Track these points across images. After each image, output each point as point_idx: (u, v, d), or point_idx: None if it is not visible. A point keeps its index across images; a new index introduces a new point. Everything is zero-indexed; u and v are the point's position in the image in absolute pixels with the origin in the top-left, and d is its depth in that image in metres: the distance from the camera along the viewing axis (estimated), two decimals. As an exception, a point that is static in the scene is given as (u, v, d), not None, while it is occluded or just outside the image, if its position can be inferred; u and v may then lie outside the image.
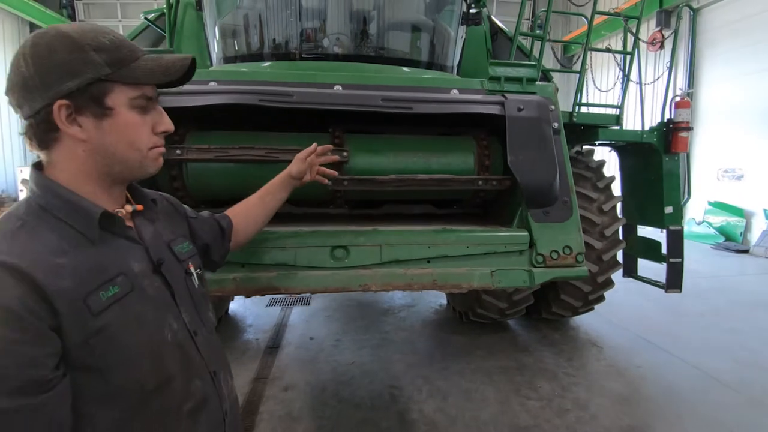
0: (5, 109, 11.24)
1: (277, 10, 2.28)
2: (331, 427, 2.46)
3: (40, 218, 0.73)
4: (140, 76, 0.77)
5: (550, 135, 1.67)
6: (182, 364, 0.83)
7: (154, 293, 0.82)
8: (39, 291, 0.65)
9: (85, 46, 0.73)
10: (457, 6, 2.61)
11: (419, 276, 1.53)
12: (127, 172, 0.82)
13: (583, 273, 1.61)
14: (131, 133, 0.79)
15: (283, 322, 4.09)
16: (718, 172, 8.43)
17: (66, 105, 0.73)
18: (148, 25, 3.43)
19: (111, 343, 0.72)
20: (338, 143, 1.73)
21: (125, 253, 0.80)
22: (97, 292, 0.72)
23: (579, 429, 2.47)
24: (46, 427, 0.64)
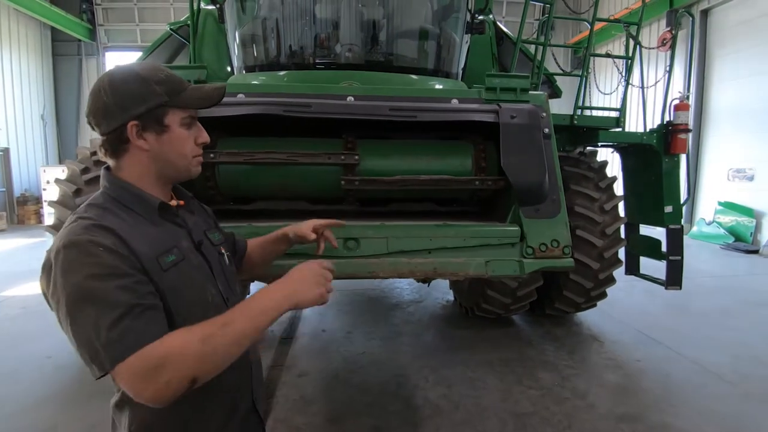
0: (29, 116, 11.68)
1: (294, 24, 2.47)
2: (342, 409, 2.65)
3: (114, 206, 0.97)
4: (188, 103, 1.02)
5: (540, 139, 1.84)
6: None
7: (198, 265, 1.04)
8: (127, 245, 0.87)
9: (149, 80, 0.97)
10: (461, 16, 2.77)
11: (421, 264, 1.72)
12: (176, 174, 1.06)
13: (569, 264, 1.77)
14: (181, 144, 1.02)
15: (297, 315, 4.29)
16: (729, 172, 8.43)
17: (136, 124, 0.96)
18: (170, 34, 3.65)
19: (175, 294, 0.94)
20: (350, 148, 1.92)
21: (175, 234, 1.03)
22: (163, 257, 0.94)
23: (576, 416, 2.61)
24: (161, 321, 0.85)
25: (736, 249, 7.66)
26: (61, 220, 3.28)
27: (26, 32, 11.56)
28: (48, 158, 12.24)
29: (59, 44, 12.47)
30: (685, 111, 3.27)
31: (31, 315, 4.37)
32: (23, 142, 11.51)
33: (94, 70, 12.81)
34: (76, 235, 0.86)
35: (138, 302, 0.82)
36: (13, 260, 7.00)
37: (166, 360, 0.79)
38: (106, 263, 0.83)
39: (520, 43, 2.54)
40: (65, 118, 12.73)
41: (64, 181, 3.42)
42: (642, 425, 2.54)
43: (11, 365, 3.26)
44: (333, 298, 4.78)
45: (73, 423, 2.54)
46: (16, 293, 5.12)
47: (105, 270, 0.82)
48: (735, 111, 8.26)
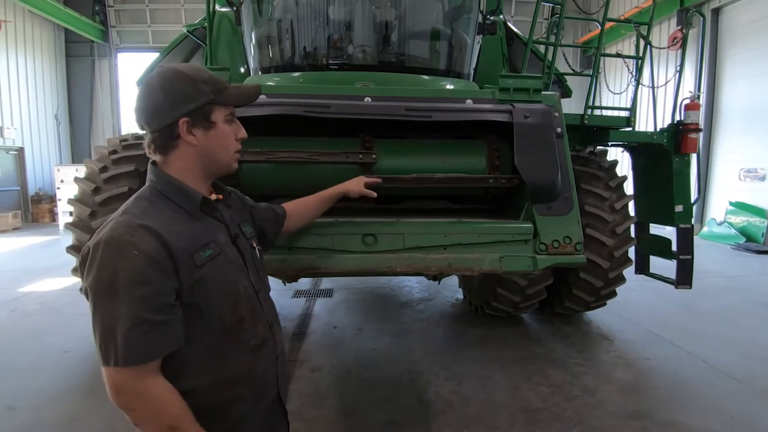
0: (43, 116, 11.89)
1: (310, 26, 2.52)
2: (355, 403, 2.70)
3: (159, 199, 1.04)
4: (231, 100, 1.09)
5: (553, 139, 1.88)
6: (250, 311, 1.10)
7: (233, 258, 1.10)
8: (165, 246, 0.94)
9: (196, 80, 1.04)
10: (473, 17, 2.81)
11: (437, 260, 1.77)
12: (218, 168, 1.12)
13: (581, 260, 1.81)
14: (225, 139, 1.09)
15: (308, 312, 4.35)
16: (740, 171, 8.36)
17: (187, 121, 1.03)
18: (186, 36, 3.72)
19: (206, 289, 1.00)
20: (367, 147, 1.97)
21: (214, 228, 1.09)
22: (199, 252, 1.00)
23: (586, 413, 2.64)
24: (171, 336, 0.94)
25: (747, 249, 7.60)
26: (80, 217, 3.36)
27: (40, 34, 11.77)
28: (61, 157, 12.45)
29: (72, 45, 12.68)
30: (695, 110, 3.28)
31: (47, 311, 4.48)
32: (37, 141, 11.72)
33: (106, 71, 13.01)
34: (118, 233, 0.92)
35: (151, 318, 0.89)
36: (29, 258, 7.15)
37: (143, 402, 0.91)
38: (136, 268, 0.89)
39: (531, 46, 2.57)
40: (78, 118, 12.93)
41: (83, 179, 3.50)
42: (651, 422, 2.56)
43: (30, 359, 3.35)
44: (342, 296, 4.87)
45: (95, 415, 2.61)
46: (32, 289, 5.24)
47: (133, 275, 0.89)
48: (747, 110, 8.20)
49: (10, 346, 3.62)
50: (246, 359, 1.08)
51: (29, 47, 11.37)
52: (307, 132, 2.10)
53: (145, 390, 0.91)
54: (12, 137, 10.78)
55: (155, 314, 0.90)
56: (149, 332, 0.89)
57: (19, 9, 10.78)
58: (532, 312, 4.16)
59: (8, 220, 9.90)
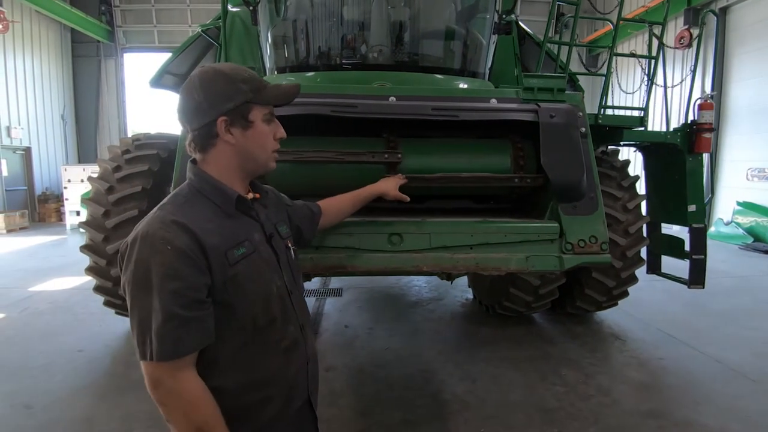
0: (50, 116, 11.94)
1: (328, 25, 2.53)
2: (371, 403, 2.71)
3: (196, 197, 1.05)
4: (270, 99, 1.09)
5: (578, 138, 1.88)
6: (282, 311, 1.09)
7: (267, 257, 1.10)
8: (198, 242, 0.95)
9: (235, 79, 1.04)
10: (489, 17, 2.81)
11: (464, 260, 1.77)
12: (256, 167, 1.12)
13: (607, 260, 1.82)
14: (263, 139, 1.09)
15: (319, 311, 4.36)
16: (748, 171, 8.34)
17: (225, 120, 1.03)
18: (199, 35, 3.74)
19: (239, 287, 1.00)
20: (392, 146, 1.98)
21: (249, 226, 1.09)
22: (233, 250, 1.00)
23: (602, 412, 2.64)
24: (201, 334, 0.94)
25: (755, 249, 7.58)
26: (94, 217, 3.38)
27: (47, 34, 11.82)
28: (68, 157, 12.50)
29: (79, 45, 12.73)
30: (709, 110, 3.27)
31: (59, 310, 4.50)
32: (44, 141, 11.78)
33: (112, 71, 13.05)
34: (153, 228, 0.94)
35: (182, 313, 0.90)
36: (38, 257, 7.18)
37: (175, 399, 0.92)
38: (169, 263, 0.91)
39: (545, 46, 2.57)
40: (84, 118, 12.99)
41: (96, 179, 3.52)
42: (667, 421, 2.56)
43: (44, 359, 3.36)
44: (351, 296, 4.88)
45: (111, 414, 2.62)
46: (42, 288, 5.27)
47: (167, 270, 0.90)
48: (754, 110, 8.17)
49: (23, 345, 3.64)
50: (276, 360, 1.07)
51: (36, 47, 11.42)
52: (324, 131, 2.11)
53: (179, 386, 0.92)
54: (19, 137, 10.83)
55: (186, 309, 0.91)
56: (179, 327, 0.90)
57: (26, 9, 10.83)
58: (542, 312, 4.16)
59: (16, 220, 9.95)
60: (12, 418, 2.61)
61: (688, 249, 3.47)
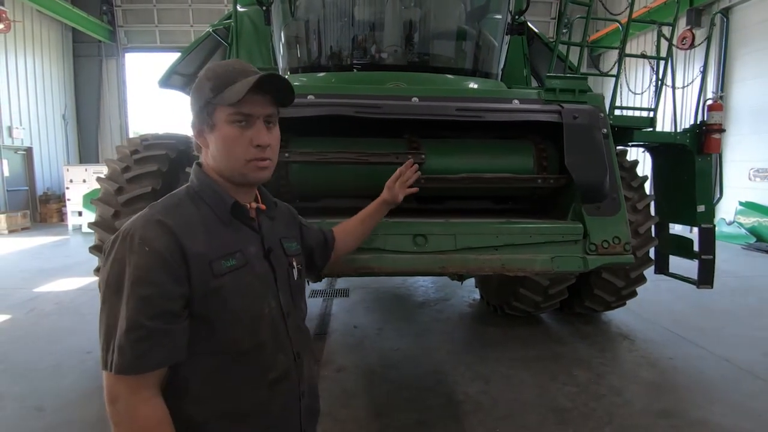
0: (51, 116, 11.92)
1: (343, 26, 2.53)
2: (384, 404, 2.71)
3: (193, 200, 0.98)
4: (227, 98, 0.93)
5: (601, 139, 1.89)
6: (272, 336, 0.98)
7: (261, 273, 0.99)
8: (180, 246, 0.87)
9: (205, 77, 0.97)
10: (502, 17, 2.82)
11: (489, 261, 1.77)
12: (233, 176, 0.99)
13: (630, 260, 1.83)
14: (228, 144, 0.95)
15: (327, 311, 4.36)
16: (750, 171, 8.36)
17: (196, 122, 0.99)
18: (209, 34, 3.73)
19: (221, 303, 0.91)
20: (415, 147, 1.98)
21: (246, 237, 1.00)
22: (220, 261, 0.91)
23: (615, 412, 2.65)
24: (168, 350, 0.85)
25: (758, 249, 7.60)
26: (102, 217, 3.37)
27: (48, 33, 11.80)
28: (69, 157, 12.48)
29: (80, 45, 12.71)
30: (719, 111, 3.28)
31: (65, 311, 4.49)
32: (45, 141, 11.75)
33: (114, 71, 13.04)
34: (135, 227, 0.87)
35: (149, 324, 0.82)
36: (41, 257, 7.16)
37: (129, 421, 0.83)
38: (143, 266, 0.83)
39: (558, 45, 2.58)
40: (86, 118, 12.97)
41: (105, 179, 3.51)
42: (681, 421, 2.57)
43: (53, 360, 3.35)
44: (358, 296, 4.87)
45: (124, 414, 2.61)
46: (48, 289, 5.26)
47: (140, 273, 0.83)
48: (756, 110, 8.19)
49: (32, 346, 3.63)
50: (260, 393, 0.95)
51: (37, 47, 11.40)
52: (337, 132, 2.11)
53: (135, 408, 0.83)
54: (20, 137, 10.81)
55: (154, 320, 0.82)
56: (143, 339, 0.81)
57: (27, 9, 10.80)
58: (549, 312, 4.16)
59: (18, 220, 9.93)
60: (24, 420, 2.60)
61: (696, 249, 3.49)
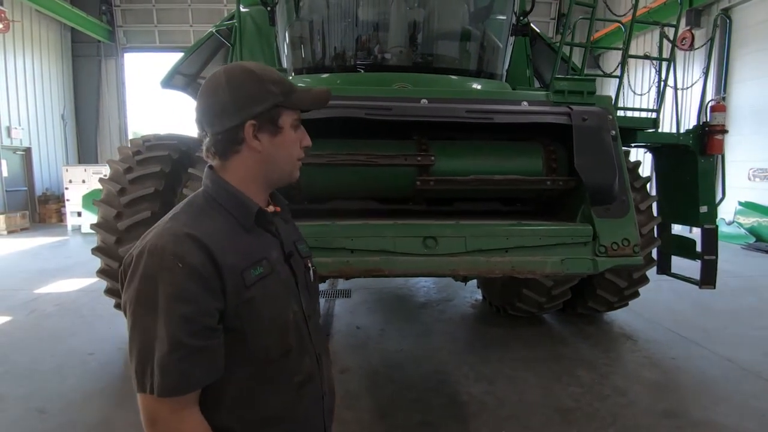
0: (50, 116, 11.88)
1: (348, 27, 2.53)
2: (389, 405, 2.71)
3: (212, 207, 0.94)
4: (300, 103, 0.97)
5: (610, 141, 1.90)
6: (298, 341, 0.98)
7: (285, 278, 0.98)
8: (213, 260, 0.84)
9: (266, 80, 0.94)
10: (507, 18, 2.82)
11: (500, 263, 1.77)
12: (280, 177, 1.01)
13: (639, 262, 1.83)
14: (291, 146, 0.98)
15: (329, 312, 4.35)
16: (749, 171, 8.39)
17: (253, 124, 0.93)
18: (212, 35, 3.72)
19: (254, 313, 0.89)
20: (424, 149, 1.98)
21: (268, 243, 0.98)
22: (249, 270, 0.89)
23: (619, 412, 2.65)
24: (210, 366, 0.83)
25: (757, 249, 7.63)
26: (105, 218, 3.36)
27: (47, 33, 11.76)
28: (68, 158, 12.44)
29: (79, 45, 12.67)
30: (721, 112, 3.29)
31: (66, 312, 4.47)
32: (44, 141, 11.71)
33: (113, 71, 13.00)
34: (163, 241, 0.84)
35: (190, 342, 0.80)
36: (41, 258, 7.14)
37: None
38: (179, 283, 0.81)
39: (563, 46, 2.58)
40: (85, 118, 12.93)
41: (108, 180, 3.50)
42: (685, 421, 2.58)
43: (55, 362, 3.33)
44: (360, 297, 4.87)
45: (125, 418, 2.58)
46: (48, 291, 5.24)
47: (176, 290, 0.80)
48: (756, 110, 8.22)
49: (33, 348, 3.61)
50: (289, 396, 0.96)
51: (36, 47, 11.36)
52: (344, 134, 2.10)
53: (180, 427, 0.82)
54: (19, 137, 10.77)
55: (195, 338, 0.80)
56: (186, 359, 0.80)
57: (26, 9, 10.77)
58: (552, 312, 4.17)
59: (17, 221, 9.89)
60: (26, 422, 2.59)
61: (698, 250, 3.49)
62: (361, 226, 1.73)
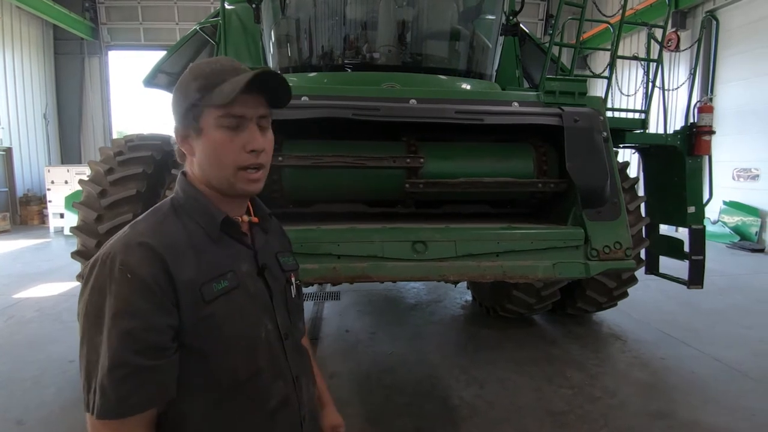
0: (31, 115, 11.58)
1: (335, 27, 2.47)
2: (380, 410, 2.66)
3: (178, 215, 0.88)
4: (216, 98, 0.82)
5: (602, 143, 1.87)
6: (270, 362, 0.90)
7: (256, 293, 0.91)
8: (167, 273, 0.78)
9: (190, 76, 0.86)
10: (497, 18, 2.79)
11: (491, 268, 1.73)
12: (220, 186, 0.88)
13: (631, 265, 1.81)
14: (219, 150, 0.85)
15: (318, 315, 4.29)
16: (734, 171, 8.52)
17: (179, 127, 0.88)
18: (195, 32, 3.64)
19: (215, 330, 0.82)
20: (413, 151, 1.93)
21: (237, 254, 0.91)
22: (211, 284, 0.83)
23: (610, 414, 2.64)
24: (154, 389, 0.76)
25: (742, 248, 7.75)
26: (85, 221, 3.26)
27: (28, 30, 11.45)
28: (50, 158, 12.15)
29: (61, 42, 12.36)
30: (709, 113, 3.31)
31: (47, 318, 4.34)
32: (25, 141, 11.41)
33: (96, 69, 12.73)
34: (115, 250, 0.79)
35: (134, 361, 0.74)
36: (21, 261, 6.94)
37: None
38: (126, 296, 0.75)
39: (552, 46, 2.57)
40: (67, 117, 12.63)
41: (88, 182, 3.39)
42: (675, 422, 2.58)
43: (34, 370, 3.22)
44: (350, 299, 4.81)
45: (109, 426, 2.52)
46: (28, 295, 5.09)
47: (122, 304, 0.75)
48: (740, 111, 8.35)
49: (12, 356, 3.49)
50: (260, 423, 0.88)
51: (17, 44, 11.05)
52: (331, 134, 2.04)
53: None
54: (-1, 137, 10.49)
55: (139, 357, 0.74)
56: (128, 379, 0.73)
57: (6, 5, 10.47)
58: (542, 313, 4.16)
59: (-4, 223, 9.63)
60: (3, 434, 2.50)
61: (686, 250, 3.51)
62: (348, 230, 1.68)
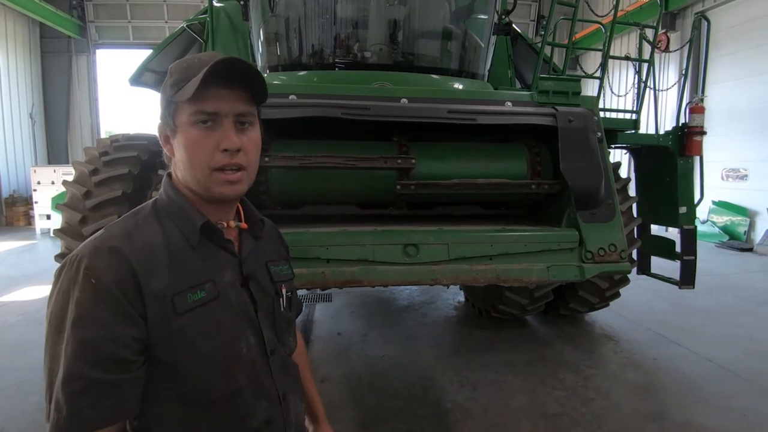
0: (17, 114, 11.36)
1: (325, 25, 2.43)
2: (372, 415, 2.62)
3: (159, 219, 0.83)
4: (185, 93, 0.77)
5: (596, 143, 1.85)
6: (251, 379, 0.84)
7: (238, 305, 0.84)
8: (136, 281, 0.73)
9: (169, 72, 0.82)
10: (489, 17, 2.77)
11: (483, 271, 1.69)
12: (198, 189, 0.83)
13: (626, 268, 1.79)
14: (189, 149, 0.79)
15: (309, 318, 4.24)
16: (723, 171, 8.61)
17: (162, 126, 0.84)
18: (183, 30, 3.57)
19: (188, 346, 0.76)
20: (404, 151, 1.89)
21: (220, 263, 0.85)
22: (185, 294, 0.77)
23: (604, 416, 2.63)
24: (114, 405, 0.70)
25: (731, 247, 7.83)
26: (69, 223, 3.18)
27: (14, 28, 11.23)
28: (37, 158, 11.93)
29: (48, 41, 12.14)
30: (700, 114, 3.32)
31: (32, 322, 4.23)
32: (11, 141, 11.18)
33: (84, 68, 12.52)
34: (82, 253, 0.74)
35: (90, 374, 0.68)
36: (6, 264, 6.80)
37: None
38: (88, 303, 0.70)
39: (545, 46, 2.55)
40: (54, 116, 12.40)
41: (72, 183, 3.31)
42: (669, 423, 2.57)
43: (17, 377, 3.13)
44: (342, 301, 4.76)
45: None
46: (12, 299, 4.97)
47: (83, 311, 0.70)
48: (729, 112, 8.44)
49: (-6, 361, 3.40)
50: None
51: (2, 42, 10.83)
52: (325, 135, 1.99)
53: None
54: (-17, 137, 10.28)
55: (98, 370, 0.68)
56: (83, 393, 0.68)
57: (-11, 2, 10.28)
58: (535, 314, 4.15)
59: (-20, 224, 9.42)
60: (-17, 444, 2.42)
61: (678, 250, 3.52)
62: (337, 233, 1.64)
